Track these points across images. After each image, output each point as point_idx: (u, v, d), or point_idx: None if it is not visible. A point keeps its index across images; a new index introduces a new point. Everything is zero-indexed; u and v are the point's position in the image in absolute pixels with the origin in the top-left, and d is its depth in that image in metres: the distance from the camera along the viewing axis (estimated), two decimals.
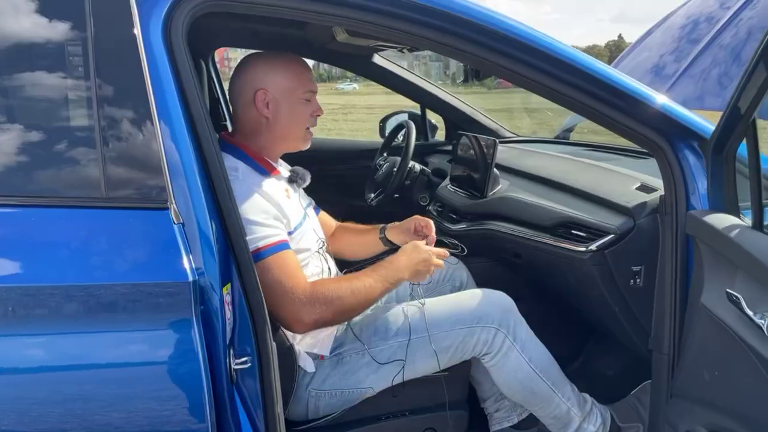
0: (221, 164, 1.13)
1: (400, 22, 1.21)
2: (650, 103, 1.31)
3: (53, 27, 1.02)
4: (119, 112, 1.04)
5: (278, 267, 1.27)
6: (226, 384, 1.09)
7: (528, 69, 1.27)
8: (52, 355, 0.96)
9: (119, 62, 1.04)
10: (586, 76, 1.28)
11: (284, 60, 1.43)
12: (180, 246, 1.01)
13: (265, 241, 1.28)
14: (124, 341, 0.99)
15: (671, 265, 1.35)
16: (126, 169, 1.04)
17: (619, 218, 1.48)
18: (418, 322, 1.45)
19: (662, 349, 1.40)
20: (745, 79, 1.03)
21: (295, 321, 1.29)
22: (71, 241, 1.00)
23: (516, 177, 2.00)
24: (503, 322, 1.47)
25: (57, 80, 1.03)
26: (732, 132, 1.12)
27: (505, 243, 1.80)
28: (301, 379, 1.42)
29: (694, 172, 1.31)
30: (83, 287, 0.96)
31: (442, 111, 2.74)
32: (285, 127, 1.41)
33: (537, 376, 1.49)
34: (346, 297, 1.31)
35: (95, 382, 0.98)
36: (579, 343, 2.13)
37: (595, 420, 1.58)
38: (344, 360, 1.45)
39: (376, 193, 2.41)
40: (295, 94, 1.40)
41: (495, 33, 1.23)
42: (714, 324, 1.07)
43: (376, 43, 1.90)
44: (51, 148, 1.02)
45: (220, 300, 1.07)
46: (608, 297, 1.52)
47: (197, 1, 1.11)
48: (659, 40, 3.22)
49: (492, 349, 1.47)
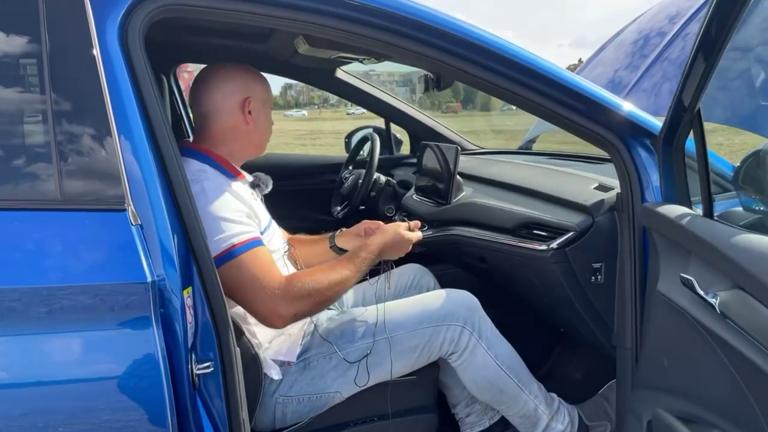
0: (180, 167, 1.12)
1: (360, 26, 1.23)
2: (604, 104, 1.36)
3: (6, 29, 1.01)
4: (74, 114, 1.02)
5: (253, 263, 1.28)
6: (188, 389, 1.07)
7: (489, 73, 1.30)
8: (2, 361, 0.93)
9: (73, 63, 1.03)
10: (544, 78, 1.32)
11: (257, 72, 1.51)
12: (138, 247, 0.99)
13: (239, 237, 1.28)
14: (79, 344, 0.96)
15: (630, 259, 1.38)
16: (82, 171, 1.02)
17: (578, 216, 1.51)
18: (382, 324, 1.46)
19: (625, 344, 1.43)
20: (686, 72, 1.08)
21: (274, 316, 1.28)
22: (25, 243, 0.97)
23: (479, 184, 2.03)
24: (468, 319, 1.48)
25: (10, 81, 1.02)
26: (679, 125, 1.17)
27: (470, 247, 1.82)
28: (268, 387, 1.40)
29: (647, 167, 1.35)
30: (36, 289, 0.94)
31: (405, 124, 2.78)
32: (261, 134, 1.49)
33: (504, 374, 1.51)
34: (324, 289, 1.32)
35: (49, 387, 0.95)
36: (546, 347, 2.15)
37: (563, 419, 1.59)
38: (311, 365, 1.44)
39: (342, 206, 2.42)
40: (268, 104, 1.50)
41: (459, 38, 1.27)
42: (670, 309, 1.10)
43: (337, 54, 1.92)
44: (5, 153, 1.00)
45: (181, 303, 1.05)
46: (571, 295, 1.55)
47: (152, 6, 1.11)
48: (612, 56, 3.33)
49: (458, 347, 1.48)
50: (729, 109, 2.02)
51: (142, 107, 1.08)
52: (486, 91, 1.38)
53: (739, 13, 0.92)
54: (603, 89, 1.38)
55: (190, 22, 1.78)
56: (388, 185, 2.39)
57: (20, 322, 0.93)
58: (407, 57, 1.35)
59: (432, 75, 2.02)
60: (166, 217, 1.05)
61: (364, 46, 1.30)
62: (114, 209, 1.00)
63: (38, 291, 0.94)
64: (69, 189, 0.99)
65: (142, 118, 1.07)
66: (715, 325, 0.94)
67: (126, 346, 0.98)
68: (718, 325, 0.93)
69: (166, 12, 1.14)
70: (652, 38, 3.17)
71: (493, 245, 1.71)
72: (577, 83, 1.35)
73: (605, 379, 1.75)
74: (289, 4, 1.19)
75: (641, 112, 1.39)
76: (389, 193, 2.39)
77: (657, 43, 3.07)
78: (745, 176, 1.16)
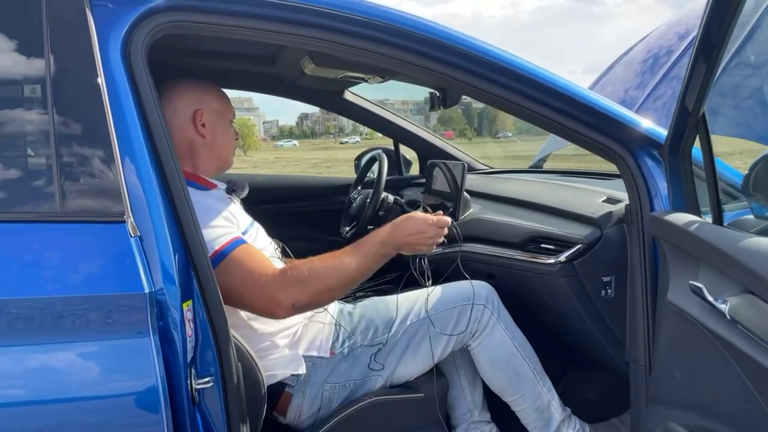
0: (182, 180, 1.12)
1: (369, 43, 1.24)
2: (609, 114, 1.35)
3: (10, 44, 1.03)
4: (75, 127, 1.03)
5: (242, 259, 1.27)
6: (187, 405, 1.05)
7: (497, 87, 1.30)
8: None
9: (76, 78, 1.04)
10: (547, 89, 1.32)
11: (212, 85, 1.52)
12: (137, 258, 0.99)
13: (221, 240, 1.28)
14: (74, 355, 0.95)
15: (641, 272, 1.35)
16: (82, 183, 1.02)
17: (586, 229, 1.49)
18: (416, 306, 1.52)
19: (638, 361, 1.38)
20: (688, 76, 1.06)
21: (273, 304, 1.26)
22: (24, 255, 0.97)
23: (487, 201, 2.02)
24: (489, 299, 1.53)
25: (12, 95, 1.03)
26: (684, 131, 1.15)
27: (478, 264, 1.79)
28: (313, 376, 1.43)
29: (655, 176, 1.33)
30: (34, 300, 0.93)
31: (414, 145, 2.77)
32: (221, 146, 1.47)
33: (521, 356, 1.53)
34: (321, 276, 1.28)
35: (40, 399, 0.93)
36: (560, 368, 2.10)
37: (575, 425, 1.58)
38: (354, 351, 1.47)
39: (351, 226, 2.40)
40: (225, 116, 1.49)
41: (466, 53, 1.27)
42: (680, 319, 1.07)
43: (343, 73, 1.93)
44: (7, 165, 1.01)
45: (181, 316, 1.04)
46: (581, 310, 1.51)
47: (155, 23, 1.13)
48: (622, 76, 3.31)
49: (480, 326, 1.51)
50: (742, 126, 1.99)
51: (143, 121, 1.09)
52: (489, 103, 1.38)
53: (735, 12, 0.91)
54: (607, 99, 1.37)
55: (197, 45, 1.81)
56: (396, 204, 2.37)
57: (16, 332, 0.93)
58: (415, 73, 1.35)
59: (438, 93, 2.03)
60: (166, 230, 1.05)
61: (370, 61, 1.30)
62: (113, 221, 1.00)
63: (34, 302, 0.93)
64: (69, 201, 1.00)
65: (143, 132, 1.08)
66: (725, 332, 0.90)
67: (122, 358, 0.96)
68: (729, 332, 0.90)
69: (169, 29, 1.15)
70: (662, 56, 3.15)
71: (501, 261, 1.69)
72: (582, 93, 1.34)
73: (621, 400, 1.69)
74: (291, 20, 1.20)
75: (647, 122, 1.37)
76: (398, 213, 2.36)
77: (665, 61, 3.05)
78: (755, 183, 1.14)
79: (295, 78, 2.19)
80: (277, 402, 1.43)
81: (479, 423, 1.57)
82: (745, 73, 2.04)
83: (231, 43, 1.84)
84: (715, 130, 1.24)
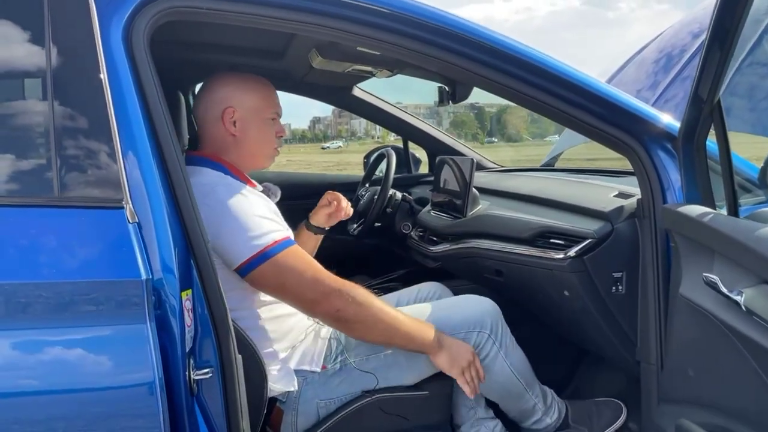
0: (183, 167, 1.10)
1: (380, 32, 1.22)
2: (620, 105, 1.32)
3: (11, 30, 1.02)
4: (75, 113, 1.02)
5: (298, 260, 1.29)
6: (185, 396, 1.03)
7: (507, 77, 1.28)
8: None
9: (77, 63, 1.03)
10: (557, 79, 1.29)
11: (253, 80, 1.47)
12: (134, 245, 0.97)
13: (275, 235, 1.29)
14: (68, 342, 0.93)
15: (653, 267, 1.31)
16: (80, 168, 1.01)
17: (596, 223, 1.45)
18: None
19: (650, 359, 1.34)
20: (702, 64, 1.03)
21: (320, 301, 1.28)
22: (20, 239, 0.96)
23: (496, 197, 1.98)
24: (493, 328, 1.49)
25: (11, 79, 1.02)
26: (698, 120, 1.11)
27: (487, 260, 1.76)
28: (304, 392, 1.40)
29: (668, 169, 1.30)
30: (27, 285, 0.92)
31: (423, 143, 2.75)
32: (253, 145, 1.45)
33: (515, 379, 1.52)
34: (373, 307, 1.32)
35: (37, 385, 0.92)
36: (568, 368, 2.06)
37: (553, 413, 1.61)
38: (347, 367, 1.43)
39: (358, 223, 2.38)
40: (262, 114, 1.45)
41: (475, 41, 1.24)
42: (693, 313, 1.03)
43: (351, 66, 1.91)
44: (5, 149, 1.00)
45: (179, 305, 1.02)
46: (591, 307, 1.48)
47: (157, 9, 1.11)
48: (633, 76, 3.25)
49: (482, 354, 1.47)
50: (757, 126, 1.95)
51: (145, 108, 1.07)
52: (499, 94, 1.34)
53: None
54: (618, 90, 1.34)
55: (202, 37, 1.80)
56: (405, 201, 2.35)
57: (9, 317, 0.91)
58: (425, 63, 1.32)
59: (447, 87, 2.00)
60: (166, 218, 1.03)
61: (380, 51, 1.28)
62: (111, 207, 0.99)
63: (29, 287, 0.92)
64: (67, 186, 0.98)
65: (144, 119, 1.06)
66: (740, 324, 0.87)
67: (118, 345, 0.94)
68: (744, 324, 0.86)
69: (171, 15, 1.13)
70: (675, 56, 3.09)
71: (510, 256, 1.66)
72: (594, 84, 1.31)
73: (630, 399, 1.65)
74: (298, 7, 1.18)
75: (659, 113, 1.33)
76: (406, 210, 2.35)
77: (678, 60, 2.99)
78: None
79: (303, 74, 2.18)
80: (269, 417, 1.40)
81: (483, 420, 1.54)
82: (761, 72, 1.99)
83: (237, 35, 1.83)
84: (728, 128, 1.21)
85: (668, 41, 3.18)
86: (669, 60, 3.04)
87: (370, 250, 2.65)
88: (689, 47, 2.94)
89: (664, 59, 3.09)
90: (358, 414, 1.41)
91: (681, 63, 2.89)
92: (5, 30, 1.02)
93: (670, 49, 3.11)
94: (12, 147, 1.00)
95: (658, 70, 3.07)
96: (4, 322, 0.91)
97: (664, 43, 3.19)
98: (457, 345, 1.40)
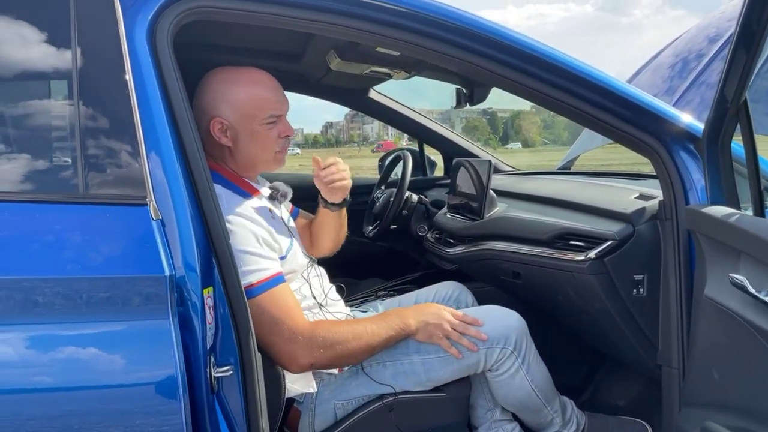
0: (205, 166, 1.11)
1: (401, 32, 1.22)
2: (642, 105, 1.31)
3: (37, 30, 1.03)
4: (100, 113, 1.03)
5: (274, 305, 1.25)
6: (206, 393, 1.03)
7: (527, 78, 1.27)
8: (16, 349, 0.91)
9: (102, 63, 1.04)
10: (585, 82, 1.28)
11: (243, 81, 1.35)
12: (158, 241, 0.98)
13: (259, 275, 1.25)
14: (93, 336, 0.94)
15: (675, 270, 1.30)
16: (105, 166, 1.02)
17: (617, 225, 1.44)
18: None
19: (671, 363, 1.33)
20: (727, 66, 1.02)
21: (291, 362, 1.27)
22: (45, 235, 0.97)
23: (514, 199, 1.97)
24: (518, 345, 1.46)
25: (38, 80, 1.04)
26: (723, 121, 1.10)
27: (504, 262, 1.75)
28: (321, 393, 1.39)
29: (690, 170, 1.29)
30: (51, 280, 0.92)
31: (439, 145, 2.75)
32: (249, 154, 1.37)
33: (535, 395, 1.49)
34: (348, 341, 1.30)
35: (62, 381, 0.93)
36: (587, 373, 2.04)
37: (571, 426, 1.58)
38: (366, 370, 1.41)
39: (374, 225, 2.38)
40: (254, 119, 1.34)
41: (501, 44, 1.24)
42: (719, 314, 1.01)
43: (369, 68, 1.91)
44: (30, 146, 1.02)
45: (201, 302, 1.03)
46: (612, 310, 1.46)
47: (181, 8, 1.12)
48: (649, 81, 3.22)
49: (502, 368, 1.45)
50: None
51: (168, 106, 1.08)
52: (519, 94, 1.34)
53: None
54: (640, 90, 1.33)
55: (221, 39, 1.81)
56: (421, 203, 2.35)
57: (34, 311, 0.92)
58: (445, 63, 1.31)
59: (464, 89, 2.00)
60: (189, 216, 1.04)
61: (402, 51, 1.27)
62: (135, 204, 1.00)
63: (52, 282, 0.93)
64: (91, 183, 1.00)
65: (168, 118, 1.07)
66: None
67: (141, 341, 0.95)
68: None
69: (195, 14, 1.14)
70: (691, 61, 3.06)
71: (529, 258, 1.64)
72: (614, 84, 1.30)
73: (651, 404, 1.63)
74: (321, 7, 1.18)
75: (680, 113, 1.32)
76: (421, 212, 2.35)
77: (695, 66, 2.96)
78: None
79: (321, 76, 2.18)
80: (286, 417, 1.39)
81: (501, 422, 1.53)
82: None
83: (255, 37, 1.84)
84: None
85: (684, 46, 3.15)
86: (685, 65, 3.01)
87: (385, 253, 2.65)
88: (706, 52, 2.92)
89: (680, 64, 3.06)
90: (376, 415, 1.41)
91: (698, 68, 2.86)
92: (32, 32, 1.03)
93: (687, 54, 3.08)
94: (39, 145, 1.02)
95: (674, 75, 3.04)
96: (29, 317, 0.92)
97: (680, 48, 3.16)
98: (425, 323, 1.39)
